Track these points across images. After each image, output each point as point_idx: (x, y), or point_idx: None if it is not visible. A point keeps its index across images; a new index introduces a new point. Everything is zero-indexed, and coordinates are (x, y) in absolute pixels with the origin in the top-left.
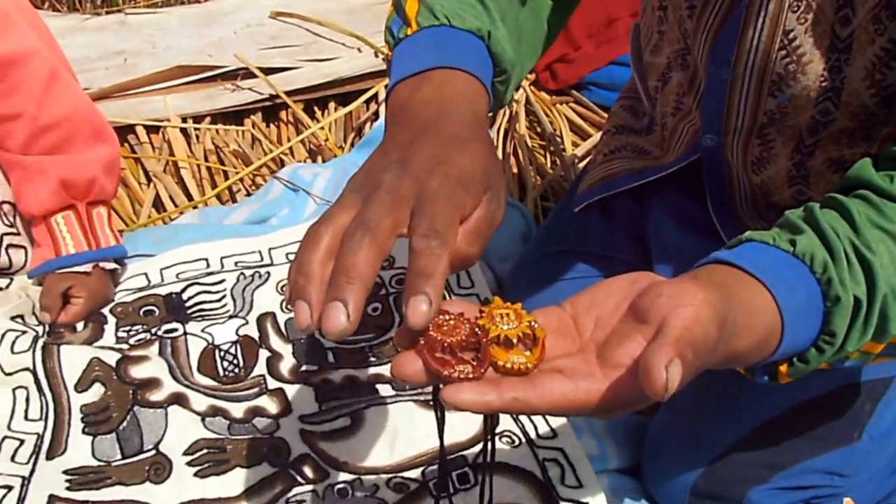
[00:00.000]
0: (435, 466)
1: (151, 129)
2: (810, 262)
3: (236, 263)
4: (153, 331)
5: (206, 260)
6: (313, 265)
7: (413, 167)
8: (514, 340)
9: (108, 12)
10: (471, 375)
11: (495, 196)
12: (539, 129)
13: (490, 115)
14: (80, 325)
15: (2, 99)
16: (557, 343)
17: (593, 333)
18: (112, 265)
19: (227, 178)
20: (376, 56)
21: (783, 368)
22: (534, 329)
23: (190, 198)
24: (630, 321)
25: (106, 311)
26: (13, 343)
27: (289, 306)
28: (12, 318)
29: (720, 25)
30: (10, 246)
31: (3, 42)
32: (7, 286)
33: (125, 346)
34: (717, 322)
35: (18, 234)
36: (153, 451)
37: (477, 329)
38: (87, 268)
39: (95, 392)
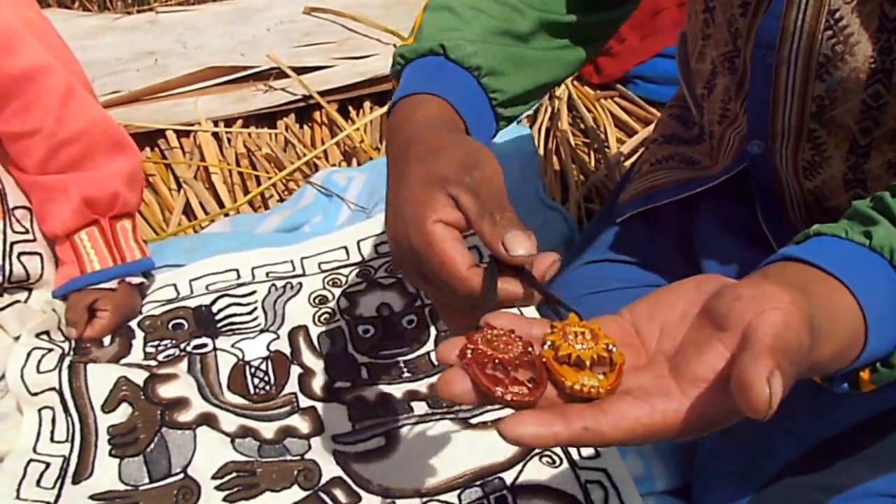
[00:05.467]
0: (471, 490)
1: (182, 133)
2: (889, 255)
3: (268, 274)
4: (182, 346)
5: (237, 270)
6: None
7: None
8: (587, 363)
9: (139, 10)
10: (527, 398)
11: (461, 178)
12: (582, 126)
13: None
14: (107, 340)
15: (19, 116)
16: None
17: (660, 343)
18: (138, 279)
19: (259, 183)
20: None
21: (865, 375)
22: (611, 353)
23: (221, 204)
24: (705, 328)
25: (134, 324)
26: (39, 362)
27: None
28: (38, 336)
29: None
30: (22, 254)
31: (16, 58)
32: (26, 299)
33: (153, 363)
34: (807, 327)
35: (33, 240)
36: (181, 475)
37: (530, 348)
38: (113, 283)
39: (123, 413)
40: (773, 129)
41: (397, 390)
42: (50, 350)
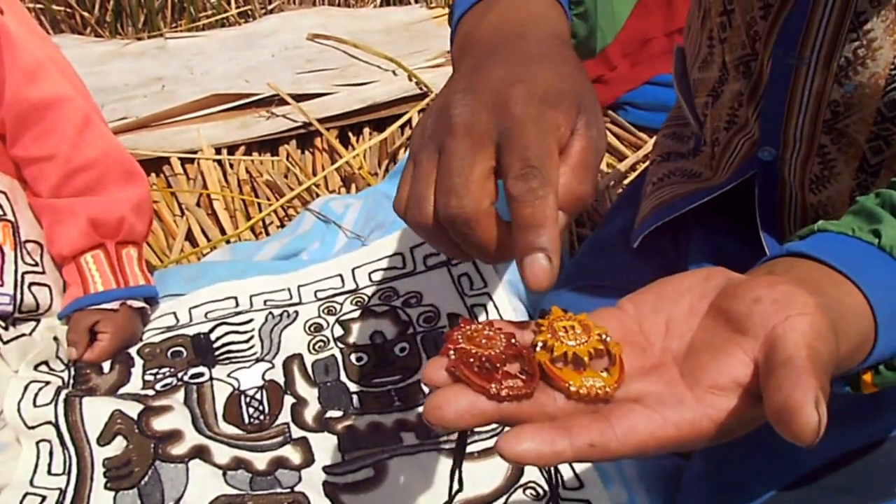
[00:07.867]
0: None
1: (186, 159)
2: None
3: (265, 302)
4: (179, 375)
5: (235, 298)
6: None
7: (485, 94)
8: (586, 359)
9: (149, 36)
10: (523, 391)
11: (593, 121)
12: None
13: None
14: (106, 367)
15: (37, 141)
16: (624, 355)
17: (666, 342)
18: (140, 304)
19: (260, 209)
20: (410, 80)
21: (867, 377)
22: (606, 344)
23: (223, 230)
24: (720, 330)
25: (133, 351)
26: (36, 396)
27: (315, 348)
28: (36, 367)
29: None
30: (33, 284)
31: (39, 87)
32: (31, 332)
33: (150, 393)
34: (834, 334)
35: (43, 272)
36: None
37: (513, 339)
38: (115, 305)
39: (117, 446)
40: (785, 136)
41: (387, 419)
42: (47, 383)
